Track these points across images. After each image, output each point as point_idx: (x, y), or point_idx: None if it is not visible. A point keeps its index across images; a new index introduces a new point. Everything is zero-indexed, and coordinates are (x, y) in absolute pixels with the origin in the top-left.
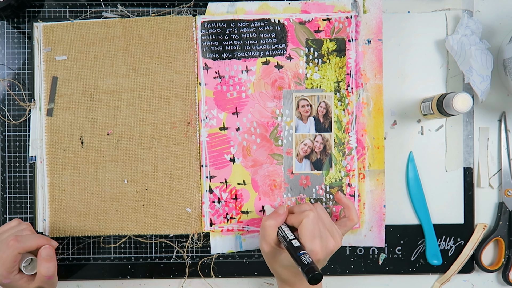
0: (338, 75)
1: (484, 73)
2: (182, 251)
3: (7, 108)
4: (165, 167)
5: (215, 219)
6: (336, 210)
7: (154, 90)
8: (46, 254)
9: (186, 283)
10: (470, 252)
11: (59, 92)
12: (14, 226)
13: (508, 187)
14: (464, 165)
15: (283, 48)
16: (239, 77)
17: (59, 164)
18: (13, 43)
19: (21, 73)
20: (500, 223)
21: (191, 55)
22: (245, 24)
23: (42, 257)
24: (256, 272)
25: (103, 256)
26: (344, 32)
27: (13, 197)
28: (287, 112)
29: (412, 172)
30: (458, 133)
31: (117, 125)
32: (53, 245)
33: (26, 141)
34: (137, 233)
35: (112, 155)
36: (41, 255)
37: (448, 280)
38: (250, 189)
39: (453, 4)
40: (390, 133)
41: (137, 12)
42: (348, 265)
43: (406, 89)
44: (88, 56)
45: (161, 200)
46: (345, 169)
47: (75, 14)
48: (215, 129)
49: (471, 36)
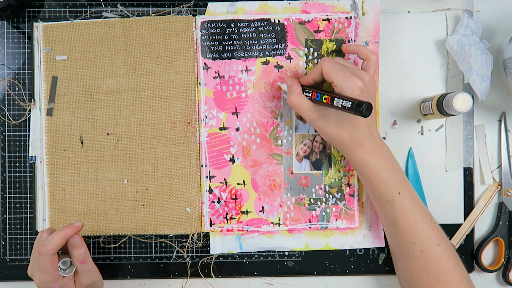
0: None
1: (484, 73)
2: (182, 251)
3: (7, 108)
4: (165, 167)
5: (214, 219)
6: (336, 210)
7: (154, 90)
8: (74, 243)
9: (186, 283)
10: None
11: (59, 92)
12: (39, 238)
13: (508, 187)
14: (464, 165)
15: (282, 48)
16: (238, 77)
17: (59, 164)
18: (13, 43)
19: (21, 73)
20: (500, 223)
21: (191, 55)
22: (245, 24)
23: (71, 246)
24: (256, 272)
25: (103, 256)
26: (344, 33)
27: (13, 197)
28: (286, 112)
29: (412, 168)
30: (458, 133)
31: (117, 125)
32: (77, 230)
33: (26, 141)
34: (137, 233)
35: (112, 155)
36: (70, 244)
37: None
38: (250, 189)
39: (453, 4)
40: (390, 133)
41: (137, 12)
42: (348, 265)
43: (406, 89)
44: (88, 56)
45: (161, 200)
46: (344, 168)
47: (75, 14)
48: (215, 129)
49: (471, 36)
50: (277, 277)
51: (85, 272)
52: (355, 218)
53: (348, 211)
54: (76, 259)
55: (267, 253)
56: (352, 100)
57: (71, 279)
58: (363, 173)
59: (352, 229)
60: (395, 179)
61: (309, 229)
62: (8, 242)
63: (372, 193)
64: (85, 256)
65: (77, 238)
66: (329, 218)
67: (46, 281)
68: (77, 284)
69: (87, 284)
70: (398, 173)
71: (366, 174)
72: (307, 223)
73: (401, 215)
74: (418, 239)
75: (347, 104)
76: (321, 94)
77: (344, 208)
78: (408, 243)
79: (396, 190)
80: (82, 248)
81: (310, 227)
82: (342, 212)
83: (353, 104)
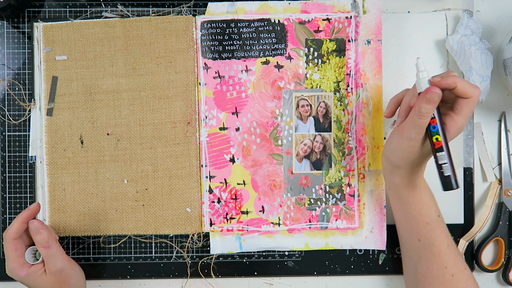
0: (338, 75)
1: (484, 73)
2: (182, 251)
3: (7, 108)
4: (165, 167)
5: (214, 219)
6: (336, 210)
7: (154, 90)
8: (33, 228)
9: (186, 283)
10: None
11: (59, 92)
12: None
13: (508, 187)
14: (464, 165)
15: (283, 48)
16: (239, 77)
17: (59, 164)
18: (13, 43)
19: (21, 73)
20: (500, 223)
21: (191, 55)
22: (245, 24)
23: (32, 232)
24: (256, 272)
25: (103, 256)
26: (344, 32)
27: (13, 197)
28: (286, 112)
29: None
30: None
31: (117, 125)
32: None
33: (26, 141)
34: (137, 233)
35: (112, 155)
36: (30, 230)
37: (473, 236)
38: (250, 189)
39: (453, 4)
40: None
41: (137, 12)
42: (348, 265)
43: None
44: (88, 56)
45: (161, 200)
46: (344, 169)
47: (75, 14)
48: (215, 129)
49: (471, 36)
50: (277, 277)
51: (51, 258)
52: (355, 219)
53: (348, 211)
54: (39, 244)
55: (267, 253)
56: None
57: (41, 267)
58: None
59: (352, 229)
60: (433, 201)
61: (309, 229)
62: None
63: (410, 216)
64: (48, 241)
65: (37, 222)
66: (329, 218)
67: (12, 268)
68: (47, 272)
69: (55, 270)
70: (433, 194)
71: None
72: (307, 223)
73: (438, 238)
74: (450, 263)
75: (446, 171)
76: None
77: (344, 208)
78: (440, 267)
79: (436, 212)
80: (43, 232)
81: (310, 227)
82: (342, 212)
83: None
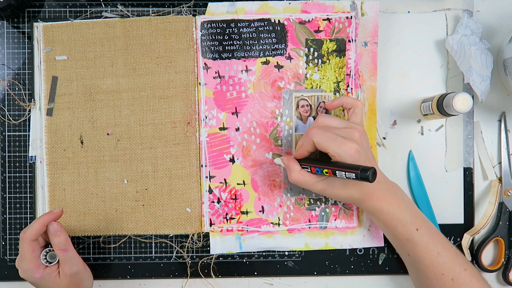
0: (338, 76)
1: (484, 73)
2: (182, 251)
3: (7, 108)
4: (165, 167)
5: (214, 219)
6: (335, 210)
7: (154, 90)
8: (53, 230)
9: (186, 283)
10: (493, 212)
11: (59, 92)
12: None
13: (508, 187)
14: (464, 165)
15: (283, 48)
16: (239, 77)
17: (59, 164)
18: (13, 43)
19: (21, 73)
20: (500, 223)
21: (191, 55)
22: (245, 24)
23: (50, 234)
24: (256, 272)
25: (103, 256)
26: (344, 32)
27: (13, 197)
28: (286, 112)
29: (413, 171)
30: (458, 133)
31: (117, 125)
32: (55, 216)
33: (26, 141)
34: (137, 233)
35: (112, 155)
36: (49, 232)
37: (477, 232)
38: (250, 189)
39: (453, 4)
40: (390, 133)
41: (137, 12)
42: (348, 265)
43: (406, 89)
44: (88, 56)
45: (161, 200)
46: None
47: (75, 14)
48: (214, 129)
49: (471, 36)
50: (277, 277)
51: (68, 261)
52: (354, 218)
53: (347, 210)
54: (57, 247)
55: (267, 253)
56: (354, 171)
57: (55, 269)
58: (379, 219)
59: (351, 229)
60: (410, 217)
61: (309, 229)
62: (8, 242)
63: (391, 235)
64: (65, 244)
65: (56, 225)
66: (328, 218)
67: (28, 269)
68: (61, 275)
69: (71, 274)
70: (413, 210)
71: (382, 219)
72: (307, 223)
73: (423, 250)
74: (446, 268)
75: (351, 175)
76: (321, 168)
77: (343, 208)
78: (437, 275)
79: (413, 227)
80: (62, 235)
81: (310, 227)
82: (341, 212)
83: (357, 174)
